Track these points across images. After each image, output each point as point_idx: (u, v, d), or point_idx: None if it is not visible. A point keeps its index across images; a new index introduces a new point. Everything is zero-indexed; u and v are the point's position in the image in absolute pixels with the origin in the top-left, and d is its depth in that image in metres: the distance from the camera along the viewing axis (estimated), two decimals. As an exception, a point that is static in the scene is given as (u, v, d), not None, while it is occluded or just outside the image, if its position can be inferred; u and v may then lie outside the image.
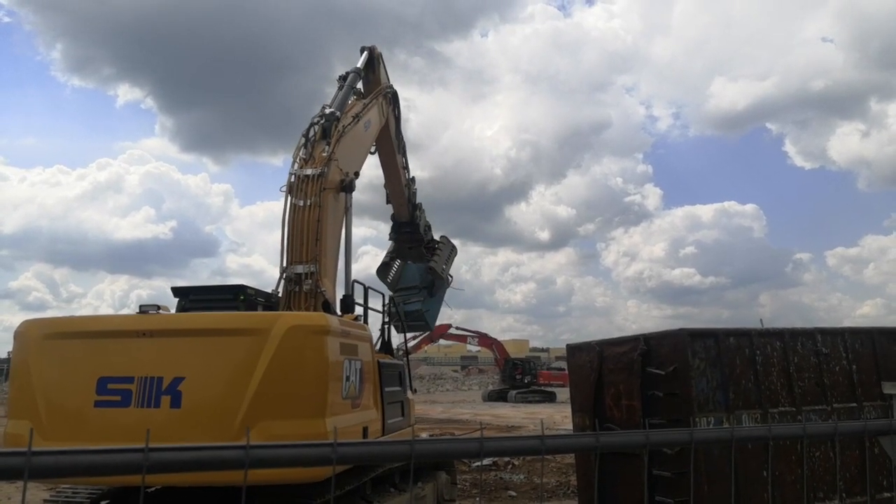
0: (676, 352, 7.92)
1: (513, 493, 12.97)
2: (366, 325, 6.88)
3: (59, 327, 5.91)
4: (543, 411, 33.40)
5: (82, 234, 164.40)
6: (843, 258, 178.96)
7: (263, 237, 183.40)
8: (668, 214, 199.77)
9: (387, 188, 11.94)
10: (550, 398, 44.48)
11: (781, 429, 3.65)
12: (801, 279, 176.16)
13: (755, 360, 8.17)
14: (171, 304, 6.92)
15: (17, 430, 5.60)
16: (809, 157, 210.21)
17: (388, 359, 7.92)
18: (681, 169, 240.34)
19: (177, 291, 7.04)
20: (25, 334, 5.82)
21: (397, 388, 7.66)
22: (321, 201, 7.40)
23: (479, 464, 13.93)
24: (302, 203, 7.42)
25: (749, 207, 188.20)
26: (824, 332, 8.90)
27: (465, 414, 31.33)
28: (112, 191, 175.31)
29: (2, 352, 63.02)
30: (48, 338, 5.76)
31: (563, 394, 36.33)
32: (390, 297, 11.74)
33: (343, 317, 6.70)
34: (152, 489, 5.89)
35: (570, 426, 11.22)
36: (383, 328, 8.59)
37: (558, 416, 27.03)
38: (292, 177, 7.68)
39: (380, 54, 10.78)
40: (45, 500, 6.71)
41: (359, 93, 9.98)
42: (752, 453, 7.47)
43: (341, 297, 7.77)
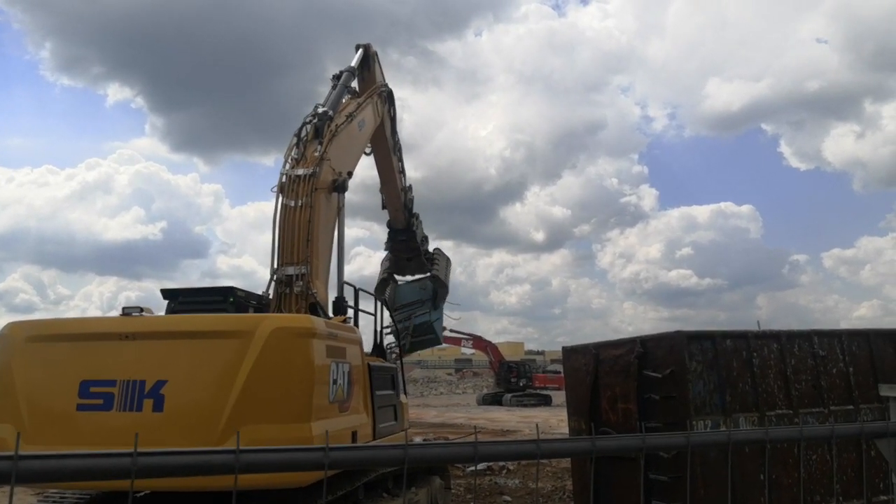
0: (673, 354, 7.89)
1: (508, 498, 12.90)
2: (355, 328, 6.81)
3: (42, 330, 5.84)
4: (539, 415, 33.39)
5: (70, 235, 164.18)
6: (839, 259, 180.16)
7: (254, 238, 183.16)
8: (664, 215, 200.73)
9: (382, 192, 11.82)
10: (546, 401, 44.55)
11: (778, 432, 3.62)
12: (798, 281, 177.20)
13: (752, 362, 8.14)
14: (160, 306, 6.85)
15: (0, 433, 5.52)
16: (805, 158, 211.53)
17: (379, 362, 7.86)
18: (676, 170, 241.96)
19: (166, 293, 6.97)
20: (9, 337, 5.75)
21: (389, 391, 7.59)
22: (312, 202, 7.34)
23: (473, 468, 13.87)
24: (293, 203, 7.36)
25: (745, 208, 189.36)
26: (821, 334, 8.89)
27: (459, 418, 31.29)
28: (101, 191, 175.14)
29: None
30: (31, 340, 5.69)
31: (559, 397, 36.38)
32: (390, 315, 11.66)
33: (332, 319, 6.63)
34: (141, 494, 5.82)
35: (565, 430, 11.18)
36: (376, 331, 8.52)
37: (554, 420, 27.02)
38: (283, 177, 7.62)
39: (375, 52, 10.71)
40: (32, 506, 6.63)
41: (354, 92, 9.91)
42: (749, 456, 7.43)
43: (334, 298, 7.72)
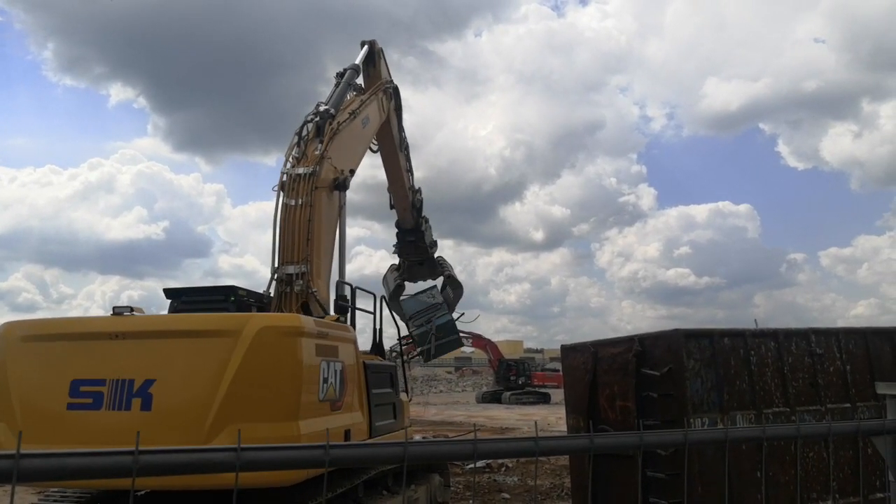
0: (671, 352, 7.92)
1: (506, 496, 12.93)
2: (349, 327, 6.76)
3: (36, 329, 5.86)
4: (537, 412, 33.41)
5: (73, 235, 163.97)
6: (836, 258, 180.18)
7: (256, 237, 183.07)
8: (663, 214, 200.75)
9: (390, 191, 11.77)
10: (545, 399, 44.58)
11: (775, 429, 3.65)
12: (795, 279, 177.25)
13: (749, 360, 8.17)
14: (162, 306, 6.87)
15: None
16: (802, 157, 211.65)
17: (377, 360, 7.85)
18: (675, 169, 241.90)
19: (169, 293, 6.99)
20: (4, 336, 5.77)
21: (388, 390, 7.58)
22: (313, 200, 7.35)
23: (472, 466, 13.90)
24: (293, 202, 7.37)
25: (743, 207, 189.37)
26: (818, 332, 8.91)
27: (458, 415, 31.31)
28: (104, 191, 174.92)
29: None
30: (26, 340, 5.72)
31: (558, 395, 36.38)
32: (406, 323, 11.59)
33: (324, 318, 6.63)
34: (142, 492, 5.84)
35: (564, 428, 11.21)
36: (375, 330, 8.52)
37: (552, 418, 27.04)
38: (284, 176, 7.63)
39: (380, 49, 10.63)
40: (33, 504, 6.65)
41: (360, 89, 9.87)
42: (746, 454, 7.46)
43: (335, 297, 7.72)
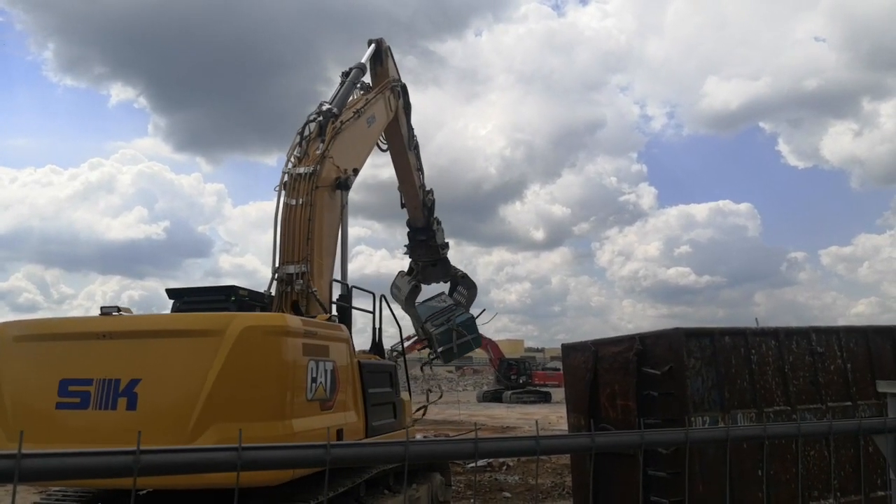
0: (672, 351, 7.92)
1: (508, 495, 12.95)
2: (341, 326, 6.69)
3: (29, 329, 5.91)
4: (538, 412, 33.42)
5: (74, 235, 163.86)
6: (837, 257, 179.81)
7: (256, 237, 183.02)
8: (663, 213, 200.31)
9: (400, 190, 11.77)
10: (545, 398, 44.56)
11: (776, 428, 3.65)
12: (796, 278, 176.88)
13: (750, 359, 8.17)
14: (163, 306, 6.89)
15: None
16: (803, 156, 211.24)
17: (375, 359, 7.83)
18: (675, 168, 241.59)
19: (171, 293, 7.01)
20: None
21: (386, 389, 7.54)
22: (313, 200, 7.35)
23: (473, 465, 13.90)
24: (294, 202, 7.38)
25: (743, 206, 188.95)
26: (819, 330, 8.91)
27: (459, 415, 31.30)
28: (104, 191, 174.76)
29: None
30: (18, 340, 5.76)
31: (559, 394, 36.40)
32: (421, 325, 11.54)
33: (316, 317, 6.63)
34: (143, 492, 5.85)
35: (565, 427, 11.21)
36: (374, 329, 8.50)
37: (553, 417, 27.05)
38: (286, 175, 7.64)
39: (388, 47, 10.57)
40: (35, 504, 6.66)
41: (367, 87, 9.86)
42: (747, 453, 7.46)
43: (337, 297, 7.72)
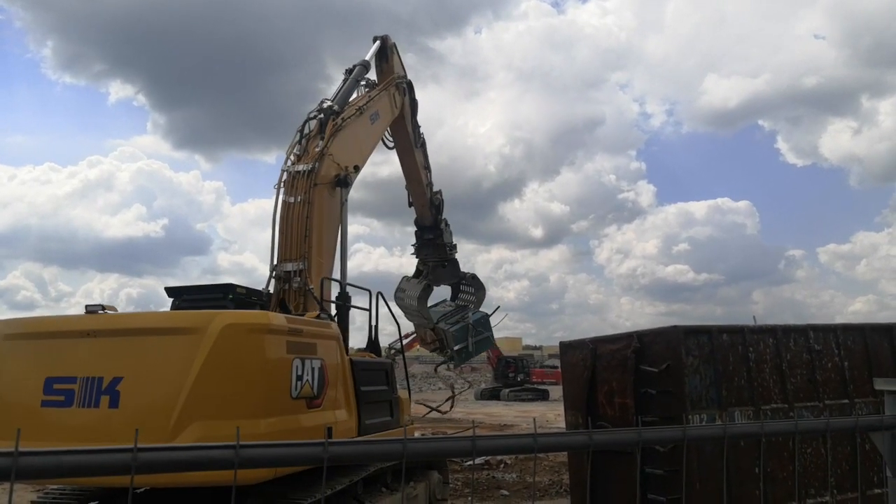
0: (670, 349, 7.92)
1: (505, 492, 12.96)
2: (330, 323, 6.65)
3: (18, 328, 5.95)
4: (536, 409, 33.46)
5: (72, 233, 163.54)
6: (835, 255, 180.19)
7: (255, 235, 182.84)
8: (662, 211, 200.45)
9: (408, 188, 11.74)
10: (543, 396, 44.60)
11: (774, 425, 3.65)
12: (794, 276, 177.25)
13: (748, 357, 8.18)
14: (162, 304, 6.89)
15: None
16: (801, 153, 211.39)
17: (369, 357, 7.81)
18: (674, 166, 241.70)
19: (170, 291, 7.01)
20: None
21: (382, 387, 7.52)
22: (311, 197, 7.35)
23: (471, 463, 13.91)
24: (293, 199, 7.37)
25: (742, 204, 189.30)
26: (816, 328, 8.93)
27: (457, 413, 31.31)
28: (103, 189, 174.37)
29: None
30: (8, 339, 5.81)
31: (556, 392, 36.39)
32: (434, 325, 11.51)
33: (304, 315, 6.61)
34: (141, 490, 5.85)
35: (562, 424, 11.23)
36: (371, 326, 8.49)
37: (551, 415, 27.08)
38: (285, 173, 7.63)
39: (393, 44, 10.53)
40: (32, 502, 6.64)
41: (372, 84, 9.84)
42: (745, 450, 7.47)
43: (337, 294, 7.71)
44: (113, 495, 6.22)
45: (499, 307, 13.21)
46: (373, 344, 8.38)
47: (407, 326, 12.17)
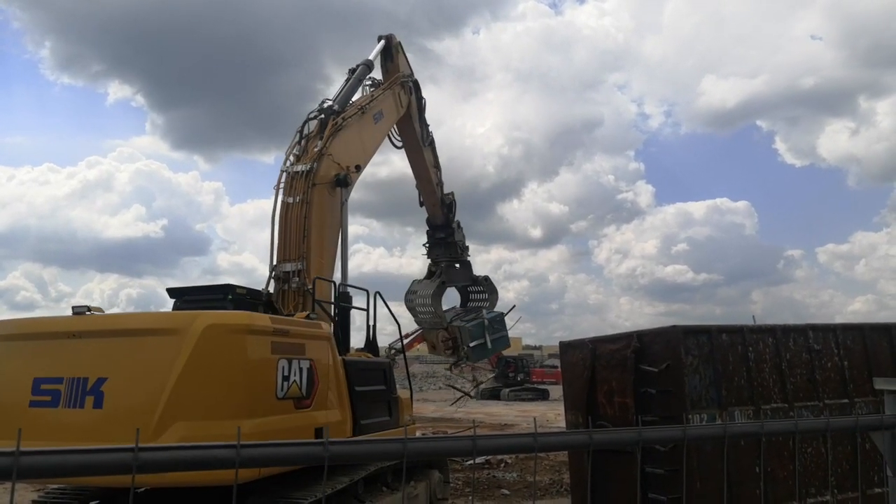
0: (669, 349, 7.93)
1: (506, 492, 12.96)
2: (320, 323, 6.62)
3: (6, 329, 6.03)
4: (536, 409, 33.47)
5: (71, 233, 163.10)
6: (833, 255, 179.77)
7: (254, 235, 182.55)
8: (660, 211, 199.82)
9: (418, 188, 11.74)
10: (543, 396, 44.60)
11: (774, 425, 3.65)
12: (793, 276, 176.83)
13: (748, 356, 8.18)
14: (162, 304, 6.91)
15: None
16: (800, 154, 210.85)
17: (365, 357, 7.79)
18: (673, 166, 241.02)
19: (172, 292, 7.03)
20: None
21: (379, 386, 7.50)
22: (310, 197, 7.35)
23: (471, 462, 13.92)
24: (292, 200, 7.39)
25: (741, 204, 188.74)
26: (816, 328, 8.93)
27: (457, 412, 31.33)
28: (102, 189, 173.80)
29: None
30: (1, 340, 5.89)
31: (556, 391, 36.41)
32: (447, 323, 11.44)
33: (294, 315, 6.60)
34: (142, 489, 5.86)
35: (563, 424, 11.23)
36: (368, 326, 8.48)
37: (551, 414, 27.08)
38: (284, 174, 7.64)
39: (399, 43, 10.51)
40: (33, 501, 6.65)
41: (378, 83, 9.82)
42: (745, 450, 7.48)
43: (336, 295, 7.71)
44: (113, 495, 6.23)
45: (514, 306, 12.97)
46: (370, 344, 8.38)
47: (407, 326, 12.12)
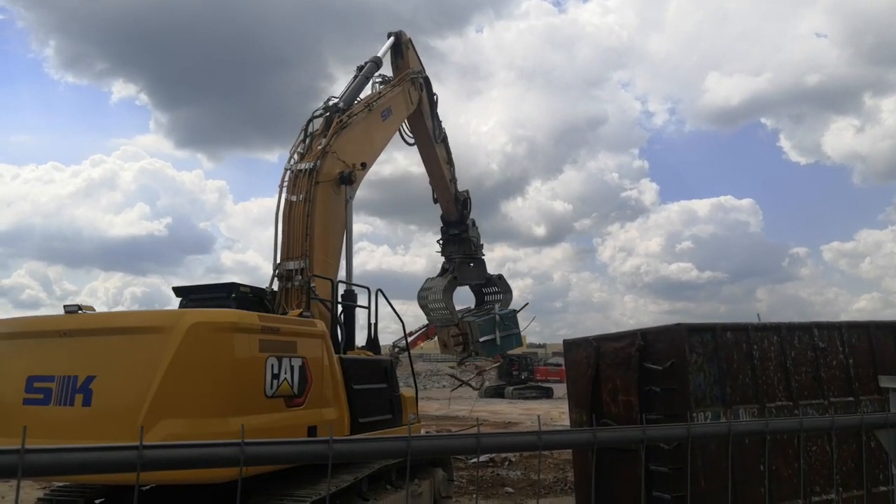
0: (674, 347, 7.91)
1: (510, 490, 12.96)
2: (313, 321, 6.60)
3: (6, 328, 6.09)
4: (540, 407, 33.46)
5: (76, 232, 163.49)
6: (838, 252, 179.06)
7: (258, 233, 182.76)
8: (665, 209, 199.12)
9: (431, 184, 11.69)
10: (547, 394, 44.57)
11: (778, 423, 3.65)
12: (798, 273, 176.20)
13: (752, 354, 8.16)
14: (167, 302, 6.93)
15: None
16: (804, 152, 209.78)
17: (365, 355, 7.76)
18: (677, 164, 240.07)
19: (178, 291, 7.06)
20: None
21: (379, 384, 7.48)
22: (313, 195, 7.35)
23: (475, 460, 13.92)
24: (295, 198, 7.39)
25: (745, 202, 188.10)
26: (821, 326, 8.89)
27: (461, 410, 31.34)
28: (106, 188, 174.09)
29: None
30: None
31: (560, 390, 36.41)
32: (457, 320, 11.40)
33: (287, 313, 6.60)
34: (146, 487, 5.87)
35: (567, 422, 11.22)
36: (369, 324, 8.47)
37: (555, 412, 27.05)
38: (287, 172, 7.64)
39: (409, 39, 10.44)
40: (38, 499, 6.67)
41: (387, 80, 9.78)
42: (749, 448, 7.46)
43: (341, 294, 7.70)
44: (118, 492, 6.25)
45: (527, 304, 12.84)
46: (372, 342, 8.37)
47: (410, 324, 12.10)
